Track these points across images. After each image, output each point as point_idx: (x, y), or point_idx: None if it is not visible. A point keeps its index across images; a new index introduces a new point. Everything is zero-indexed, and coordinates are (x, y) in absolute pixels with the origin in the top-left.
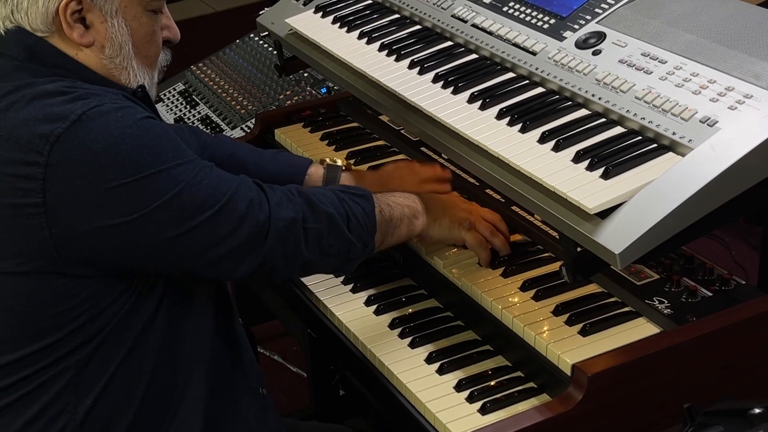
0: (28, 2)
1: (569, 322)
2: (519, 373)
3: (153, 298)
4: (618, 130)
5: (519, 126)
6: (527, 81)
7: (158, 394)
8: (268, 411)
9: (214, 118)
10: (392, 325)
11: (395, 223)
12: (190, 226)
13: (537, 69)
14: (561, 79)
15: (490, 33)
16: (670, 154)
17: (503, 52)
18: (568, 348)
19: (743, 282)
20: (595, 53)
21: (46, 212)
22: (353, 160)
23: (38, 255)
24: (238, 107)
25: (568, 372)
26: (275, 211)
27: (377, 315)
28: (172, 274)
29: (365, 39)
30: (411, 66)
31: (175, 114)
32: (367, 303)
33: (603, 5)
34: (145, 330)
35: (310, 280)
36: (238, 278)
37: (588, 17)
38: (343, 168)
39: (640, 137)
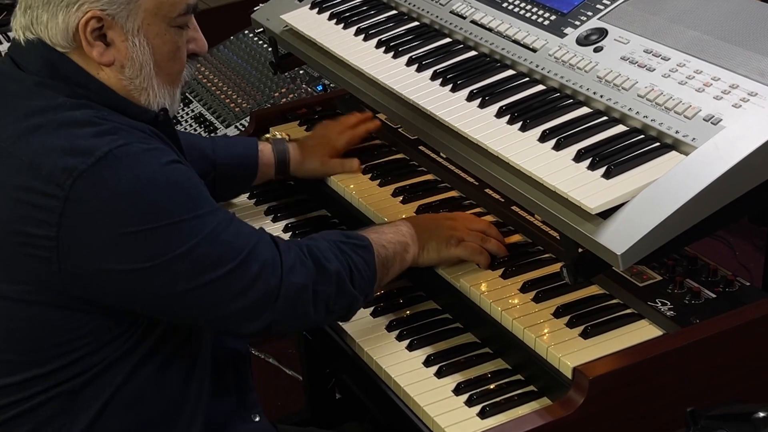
0: (48, 16)
1: (570, 325)
2: (519, 376)
3: (156, 333)
4: (620, 128)
5: (519, 124)
6: (527, 78)
7: (156, 423)
8: None
9: (208, 116)
10: (390, 327)
11: (389, 263)
12: (200, 282)
13: (537, 66)
14: (562, 77)
15: (490, 29)
16: (673, 153)
17: (503, 48)
18: (569, 351)
19: (747, 283)
20: (596, 50)
21: (57, 247)
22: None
23: (45, 287)
24: (232, 105)
25: (569, 375)
26: (287, 276)
27: (374, 317)
28: (177, 322)
29: (362, 35)
30: (409, 63)
31: None
32: (365, 305)
33: (605, 1)
34: (144, 362)
35: None
36: (243, 336)
37: (589, 13)
38: (287, 140)
39: (642, 136)
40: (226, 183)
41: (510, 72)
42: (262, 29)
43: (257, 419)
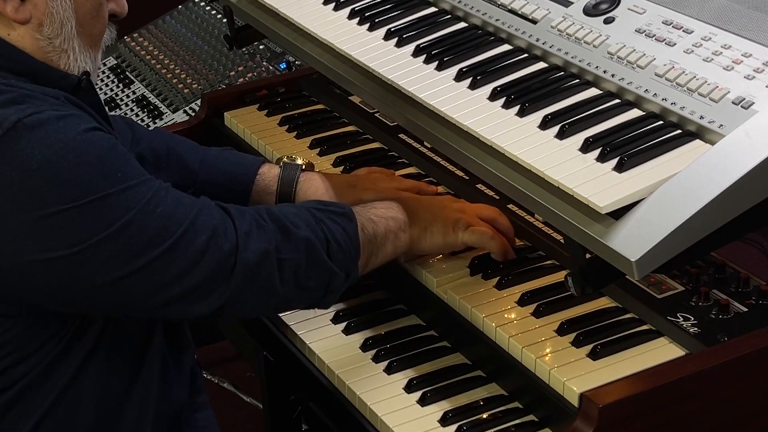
0: None
1: (576, 343)
2: (516, 404)
3: (87, 340)
4: (635, 113)
5: (516, 108)
6: (526, 55)
7: (99, 424)
8: None
9: (152, 99)
10: (365, 347)
11: (380, 241)
12: (138, 265)
13: (538, 40)
14: (566, 53)
15: None
16: (697, 141)
17: (497, 20)
18: (575, 374)
19: None
20: (607, 21)
21: None
22: (317, 150)
23: None
24: (180, 86)
25: (576, 402)
26: (243, 241)
27: (347, 334)
28: (114, 315)
29: (332, 4)
30: (387, 36)
31: (106, 94)
32: (335, 320)
33: None
34: (76, 376)
35: None
36: (194, 319)
37: None
38: (303, 167)
39: (660, 122)
40: None
41: (506, 47)
42: None
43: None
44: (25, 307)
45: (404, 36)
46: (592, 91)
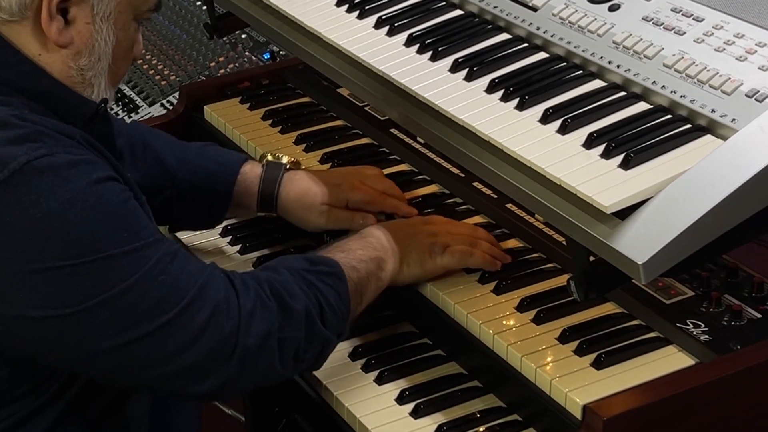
0: None
1: (579, 352)
2: (515, 417)
3: (74, 389)
4: (642, 106)
5: (515, 101)
6: (526, 44)
7: None
8: None
9: (128, 91)
10: (354, 355)
11: (363, 287)
12: (133, 335)
13: (538, 29)
14: (569, 42)
15: None
16: (708, 137)
17: (495, 7)
18: (578, 384)
19: None
20: (612, 8)
21: None
22: (303, 145)
23: None
24: (157, 78)
25: (578, 415)
26: (246, 323)
27: None
28: (102, 382)
29: None
30: (378, 25)
31: None
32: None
33: None
34: (59, 422)
35: None
36: (188, 400)
37: None
38: (288, 167)
39: (669, 116)
40: (186, 207)
41: (504, 36)
42: None
43: None
44: (6, 360)
45: (396, 24)
46: (597, 83)
